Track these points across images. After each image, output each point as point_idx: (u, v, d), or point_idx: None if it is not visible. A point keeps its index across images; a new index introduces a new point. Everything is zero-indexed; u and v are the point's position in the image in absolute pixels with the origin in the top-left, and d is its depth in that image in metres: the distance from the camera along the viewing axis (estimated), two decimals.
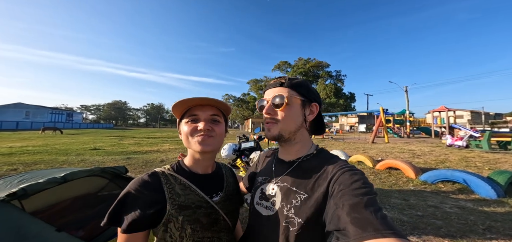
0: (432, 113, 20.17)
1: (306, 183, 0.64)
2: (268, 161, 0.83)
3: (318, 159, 0.69)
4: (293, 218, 0.60)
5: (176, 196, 0.66)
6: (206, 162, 0.76)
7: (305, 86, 0.71)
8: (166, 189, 0.66)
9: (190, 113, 0.71)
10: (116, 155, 8.49)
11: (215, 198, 0.73)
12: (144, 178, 0.65)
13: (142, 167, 6.23)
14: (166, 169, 0.71)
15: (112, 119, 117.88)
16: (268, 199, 0.69)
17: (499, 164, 6.48)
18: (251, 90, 59.66)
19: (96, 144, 12.31)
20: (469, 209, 3.16)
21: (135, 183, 0.64)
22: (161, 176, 0.68)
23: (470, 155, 8.16)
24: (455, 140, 11.15)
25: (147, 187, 0.64)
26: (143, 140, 16.40)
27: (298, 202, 0.61)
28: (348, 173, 0.57)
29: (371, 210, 0.45)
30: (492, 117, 54.71)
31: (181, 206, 0.65)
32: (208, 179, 0.76)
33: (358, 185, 0.52)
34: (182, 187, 0.68)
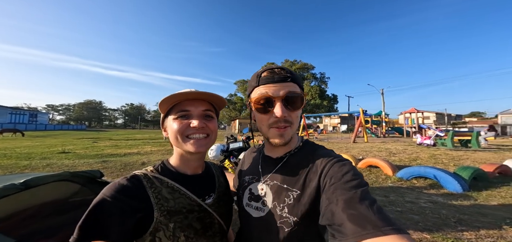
0: (404, 114, 21.86)
1: (297, 179, 0.61)
2: (254, 159, 0.78)
3: (305, 151, 0.66)
4: (288, 217, 0.57)
5: (164, 201, 0.58)
6: (196, 161, 0.70)
7: (301, 78, 0.67)
8: (151, 194, 0.57)
9: (179, 109, 0.63)
10: (89, 158, 7.81)
11: (208, 200, 0.67)
12: (122, 182, 0.56)
13: (121, 170, 5.80)
14: (149, 171, 0.63)
15: (85, 120, 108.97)
16: (257, 200, 0.65)
17: (462, 160, 7.19)
18: (238, 91, 59.45)
19: (65, 146, 11.23)
20: (441, 203, 3.42)
21: (111, 189, 0.54)
22: (144, 179, 0.59)
23: (437, 153, 8.95)
24: (424, 139, 12.18)
25: (126, 193, 0.54)
26: (121, 141, 15.37)
27: (291, 200, 0.58)
28: (337, 164, 0.55)
29: (367, 204, 0.43)
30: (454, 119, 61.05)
31: (171, 211, 0.58)
32: (198, 180, 0.69)
33: (349, 177, 0.50)
34: (170, 190, 0.61)
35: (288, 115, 0.60)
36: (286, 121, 0.61)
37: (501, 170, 4.93)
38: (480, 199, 3.54)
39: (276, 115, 0.59)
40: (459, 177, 4.28)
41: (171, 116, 0.64)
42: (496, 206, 3.25)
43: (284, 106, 0.59)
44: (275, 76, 0.60)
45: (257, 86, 0.63)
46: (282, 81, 0.60)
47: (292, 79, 0.61)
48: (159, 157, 8.24)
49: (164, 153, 9.55)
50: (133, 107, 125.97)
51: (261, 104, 0.61)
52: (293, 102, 0.60)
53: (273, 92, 0.59)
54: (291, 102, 0.60)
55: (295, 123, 0.63)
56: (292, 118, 0.62)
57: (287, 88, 0.60)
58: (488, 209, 3.10)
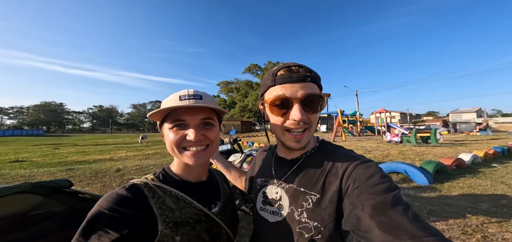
0: (375, 114, 23.72)
1: (315, 182, 0.57)
2: (266, 160, 0.74)
3: (323, 152, 0.63)
4: (308, 222, 0.53)
5: (169, 212, 0.52)
6: (199, 169, 0.64)
7: (320, 77, 0.61)
8: (154, 204, 0.52)
9: (175, 117, 0.56)
10: (50, 166, 6.90)
11: (214, 209, 0.62)
12: (120, 192, 0.49)
13: (91, 179, 5.22)
14: (150, 179, 0.57)
15: (42, 124, 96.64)
16: (272, 204, 0.61)
17: (425, 155, 8.04)
18: (221, 92, 58.51)
19: (18, 155, 9.80)
20: (412, 196, 3.75)
21: (108, 200, 0.47)
22: (145, 189, 0.53)
23: (404, 149, 9.88)
24: (393, 137, 13.37)
25: (126, 204, 0.48)
26: (89, 147, 13.95)
27: (310, 204, 0.54)
28: (362, 166, 0.51)
29: (400, 210, 0.39)
30: (414, 117, 68.28)
31: (177, 223, 0.52)
32: (203, 188, 0.65)
33: (376, 180, 0.46)
34: (175, 199, 0.55)
35: (306, 118, 0.56)
36: (305, 123, 0.57)
37: (457, 163, 5.61)
38: (443, 190, 3.97)
39: (293, 119, 0.55)
40: (425, 170, 4.75)
41: (167, 124, 0.57)
42: (457, 196, 3.67)
43: (303, 109, 0.55)
44: (293, 76, 0.55)
45: (272, 86, 0.58)
46: (301, 81, 0.55)
47: (311, 79, 0.56)
48: (136, 162, 7.64)
49: (141, 158, 8.89)
50: (102, 110, 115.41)
51: (277, 105, 0.56)
52: (312, 105, 0.56)
53: (291, 94, 0.54)
54: (310, 105, 0.56)
55: (314, 125, 0.59)
56: (311, 121, 0.58)
57: (306, 89, 0.55)
58: (452, 200, 3.49)
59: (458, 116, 53.33)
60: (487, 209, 3.03)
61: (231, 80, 58.31)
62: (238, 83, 54.91)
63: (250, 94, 45.16)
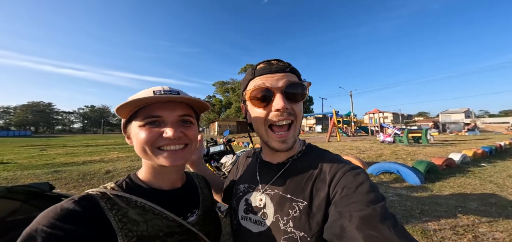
0: (368, 114, 24.12)
1: (302, 188, 0.54)
2: (250, 165, 0.70)
3: (310, 156, 0.60)
4: (294, 232, 0.49)
5: (131, 225, 0.46)
6: (174, 174, 0.57)
7: (298, 70, 0.60)
8: (112, 217, 0.45)
9: (147, 113, 0.49)
10: (36, 169, 6.62)
11: (191, 218, 0.56)
12: (67, 206, 0.41)
13: (79, 181, 5.02)
14: (109, 188, 0.49)
15: (30, 125, 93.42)
16: (256, 212, 0.57)
17: (416, 155, 8.18)
18: (217, 92, 58.12)
19: (2, 156, 9.38)
20: (405, 196, 3.78)
21: (48, 216, 0.39)
22: (101, 200, 0.46)
23: (396, 149, 10.04)
24: (386, 137, 13.60)
25: (73, 219, 0.40)
26: (79, 148, 13.51)
27: (297, 212, 0.51)
28: (351, 173, 0.49)
29: (389, 224, 0.38)
30: (406, 118, 69.92)
31: (143, 237, 0.46)
32: (178, 195, 0.58)
33: (364, 189, 0.44)
34: (140, 210, 0.49)
35: (290, 108, 0.54)
36: (289, 114, 0.54)
37: (447, 162, 5.72)
38: (435, 190, 4.03)
39: (276, 108, 0.52)
40: (416, 170, 4.81)
41: (136, 122, 0.50)
42: (448, 196, 3.72)
43: (285, 98, 0.53)
44: (272, 67, 0.55)
45: (252, 79, 0.57)
46: (281, 71, 0.55)
47: (291, 70, 0.56)
48: (127, 164, 7.43)
49: (133, 159, 8.66)
50: (94, 110, 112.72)
51: (258, 98, 0.54)
52: (295, 94, 0.54)
53: (272, 83, 0.53)
54: (292, 94, 0.54)
55: (299, 119, 0.57)
56: (295, 112, 0.55)
57: (286, 78, 0.54)
58: (443, 199, 3.53)
59: (447, 116, 54.96)
60: (477, 208, 3.08)
61: (227, 81, 58.06)
62: (234, 84, 54.68)
63: None
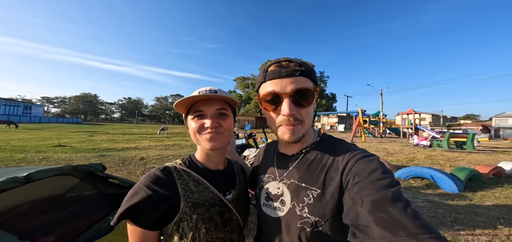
0: (401, 115, 22.08)
1: (316, 177, 0.57)
2: (268, 156, 0.75)
3: (324, 146, 0.62)
4: (309, 217, 0.54)
5: (190, 193, 0.61)
6: (217, 158, 0.72)
7: (314, 70, 0.61)
8: (179, 185, 0.61)
9: (195, 109, 0.65)
10: (86, 152, 7.74)
11: (228, 195, 0.69)
12: (156, 173, 0.60)
13: (119, 165, 5.76)
14: (178, 164, 0.67)
15: (80, 113, 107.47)
16: (275, 199, 0.63)
17: (458, 161, 7.33)
18: (237, 87, 59.24)
19: (60, 140, 11.10)
20: (437, 202, 3.49)
21: (147, 178, 0.59)
22: (174, 171, 0.63)
23: (433, 153, 9.10)
24: (421, 140, 12.37)
25: (159, 183, 0.59)
26: (118, 136, 15.25)
27: (311, 199, 0.55)
28: (363, 161, 0.50)
29: (399, 207, 0.39)
30: (449, 120, 61.98)
31: (195, 203, 0.61)
32: (220, 176, 0.72)
33: (377, 175, 0.45)
34: (196, 183, 0.64)
35: (297, 113, 0.57)
36: (296, 119, 0.57)
37: (495, 171, 5.04)
38: (475, 199, 3.62)
39: (283, 114, 0.56)
40: (455, 177, 4.37)
41: (190, 116, 0.67)
42: (490, 206, 3.33)
43: (293, 103, 0.56)
44: (282, 71, 0.56)
45: (264, 82, 0.60)
46: (290, 75, 0.56)
47: (301, 73, 0.56)
48: (157, 152, 8.21)
49: (162, 148, 9.51)
50: (130, 102, 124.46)
51: (268, 101, 0.59)
52: (302, 99, 0.56)
53: (280, 89, 0.56)
54: (300, 99, 0.56)
55: (307, 120, 0.59)
56: (302, 115, 0.58)
57: (295, 83, 0.56)
58: (482, 209, 3.18)
59: (502, 120, 47.11)
60: None
61: (247, 76, 58.65)
62: (254, 79, 54.92)
63: None
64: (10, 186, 1.31)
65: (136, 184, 0.58)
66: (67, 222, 1.94)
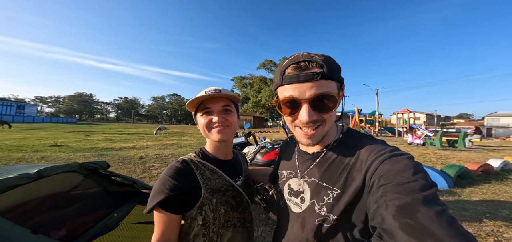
0: (396, 114, 22.44)
1: (337, 176, 0.55)
2: (290, 153, 0.75)
3: (346, 144, 0.59)
4: (327, 215, 0.53)
5: (208, 181, 0.70)
6: (225, 149, 0.82)
7: (339, 66, 0.55)
8: (198, 175, 0.70)
9: (203, 107, 0.74)
10: (84, 151, 7.72)
11: (237, 181, 0.79)
12: (177, 165, 0.69)
13: (119, 164, 5.78)
14: (193, 157, 0.76)
15: (75, 113, 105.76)
16: (296, 195, 0.64)
17: (449, 159, 7.54)
18: (235, 87, 59.18)
19: (57, 139, 11.01)
20: None
21: (171, 170, 0.67)
22: (191, 163, 0.72)
23: (426, 152, 9.33)
24: (415, 139, 12.64)
25: (181, 174, 0.67)
26: (115, 136, 15.15)
27: (330, 199, 0.54)
28: (390, 161, 0.45)
29: (431, 213, 0.34)
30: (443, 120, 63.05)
31: (213, 189, 0.70)
32: (229, 165, 0.82)
33: (405, 177, 0.41)
34: (211, 172, 0.73)
35: (317, 117, 0.53)
36: (315, 122, 0.54)
37: (484, 168, 5.23)
38: (463, 195, 3.79)
39: (301, 120, 0.53)
40: (445, 174, 4.53)
41: (199, 113, 0.75)
42: (478, 201, 3.49)
43: (312, 109, 0.52)
44: (301, 75, 0.51)
45: (281, 85, 0.56)
46: (310, 80, 0.50)
47: (323, 76, 0.50)
48: (156, 151, 8.23)
49: (160, 147, 9.52)
50: (127, 101, 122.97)
51: (286, 105, 0.56)
52: (323, 104, 0.52)
53: (299, 95, 0.52)
54: (321, 104, 0.52)
55: (329, 122, 0.56)
56: (324, 118, 0.55)
57: (315, 89, 0.50)
58: (470, 204, 3.33)
59: (495, 120, 48.18)
60: (508, 215, 2.87)
61: (245, 76, 58.65)
62: (252, 79, 54.92)
63: (263, 90, 44.92)
64: (22, 181, 1.38)
65: (161, 176, 0.67)
66: (75, 218, 1.99)
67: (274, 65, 51.41)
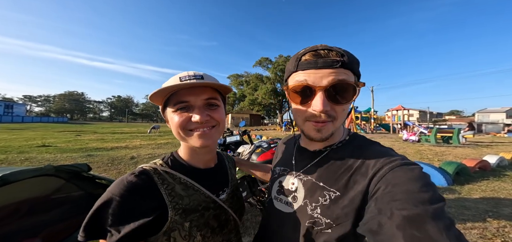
0: (391, 111, 22.69)
1: (338, 178, 0.51)
2: (288, 149, 0.71)
3: (352, 147, 0.56)
4: (319, 218, 0.50)
5: (178, 199, 0.52)
6: (207, 155, 0.62)
7: (358, 61, 0.52)
8: (164, 191, 0.51)
9: (177, 100, 0.53)
10: (72, 152, 7.40)
11: (221, 195, 0.61)
12: (130, 179, 0.49)
13: (108, 165, 5.54)
14: (159, 165, 0.55)
15: (66, 112, 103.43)
16: (287, 194, 0.59)
17: (445, 155, 7.58)
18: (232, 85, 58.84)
19: (45, 140, 10.59)
20: None
21: (118, 186, 0.47)
22: (154, 175, 0.53)
23: (422, 148, 9.40)
24: (410, 135, 12.74)
25: (136, 191, 0.48)
26: (107, 135, 14.74)
27: (327, 200, 0.50)
28: (402, 169, 0.43)
29: (440, 226, 0.33)
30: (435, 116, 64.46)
31: (186, 209, 0.52)
32: (211, 174, 0.63)
33: (416, 187, 0.38)
34: (184, 186, 0.54)
35: (331, 109, 0.49)
36: (328, 115, 0.49)
37: (481, 165, 5.24)
38: (463, 193, 3.74)
39: (314, 109, 0.49)
40: (444, 171, 4.49)
41: (170, 108, 0.54)
42: (478, 199, 3.44)
43: (327, 99, 0.48)
44: (319, 61, 0.47)
45: (295, 72, 0.51)
46: (329, 67, 0.47)
47: (343, 65, 0.47)
48: (149, 151, 7.97)
49: (154, 147, 9.26)
50: (120, 100, 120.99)
51: (298, 92, 0.51)
52: (340, 94, 0.48)
53: (314, 81, 0.48)
54: (337, 94, 0.48)
55: (340, 118, 0.52)
56: (336, 112, 0.50)
57: (334, 76, 0.47)
58: (471, 202, 3.28)
59: (485, 116, 49.51)
60: (510, 213, 2.82)
61: (241, 74, 58.34)
62: (248, 77, 54.64)
63: (260, 88, 44.69)
64: None
65: (104, 194, 0.47)
66: (53, 224, 1.85)
67: (270, 63, 51.18)
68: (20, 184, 1.56)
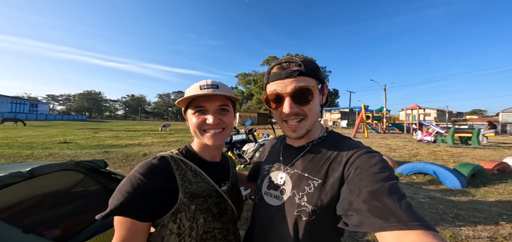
0: (405, 111, 21.81)
1: (319, 168, 0.59)
2: (275, 148, 0.79)
3: (329, 141, 0.65)
4: (306, 206, 0.56)
5: (188, 183, 0.61)
6: (216, 150, 0.73)
7: (318, 67, 0.63)
8: (177, 175, 0.61)
9: (196, 104, 0.64)
10: (91, 148, 7.87)
11: (223, 187, 0.70)
12: (153, 162, 0.59)
13: (123, 161, 5.86)
14: (175, 153, 0.66)
15: (85, 111, 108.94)
16: (276, 188, 0.65)
17: (462, 157, 7.23)
18: (239, 84, 59.19)
19: (66, 137, 11.29)
20: (439, 198, 3.46)
21: (143, 167, 0.57)
22: (171, 161, 0.62)
23: (437, 149, 8.99)
24: (425, 135, 12.21)
25: (156, 173, 0.57)
26: (122, 133, 15.44)
27: (311, 188, 0.57)
28: (366, 155, 0.53)
29: (394, 198, 0.41)
30: (454, 116, 60.93)
31: (194, 194, 0.61)
32: (216, 168, 0.72)
33: (377, 169, 0.48)
34: (193, 174, 0.64)
35: (299, 110, 0.60)
36: (298, 115, 0.60)
37: (500, 167, 4.96)
38: (477, 195, 3.59)
39: (284, 111, 0.60)
40: (458, 173, 4.32)
41: (190, 110, 0.66)
42: (493, 202, 3.29)
43: (293, 102, 0.59)
44: (282, 73, 0.60)
45: (268, 83, 0.65)
46: (289, 76, 0.59)
47: (300, 73, 0.58)
48: (160, 148, 8.30)
49: (164, 144, 9.61)
50: (133, 99, 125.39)
51: (273, 100, 0.63)
52: (302, 97, 0.59)
53: (281, 89, 0.60)
54: (300, 97, 0.59)
55: (310, 116, 0.61)
56: (305, 111, 0.61)
57: (295, 83, 0.58)
58: (485, 205, 3.15)
59: (510, 115, 46.14)
60: None
61: (249, 72, 58.42)
62: (256, 76, 54.58)
63: None
64: (13, 180, 1.35)
65: (131, 173, 0.56)
66: (72, 216, 1.98)
67: None
68: (46, 177, 1.73)
